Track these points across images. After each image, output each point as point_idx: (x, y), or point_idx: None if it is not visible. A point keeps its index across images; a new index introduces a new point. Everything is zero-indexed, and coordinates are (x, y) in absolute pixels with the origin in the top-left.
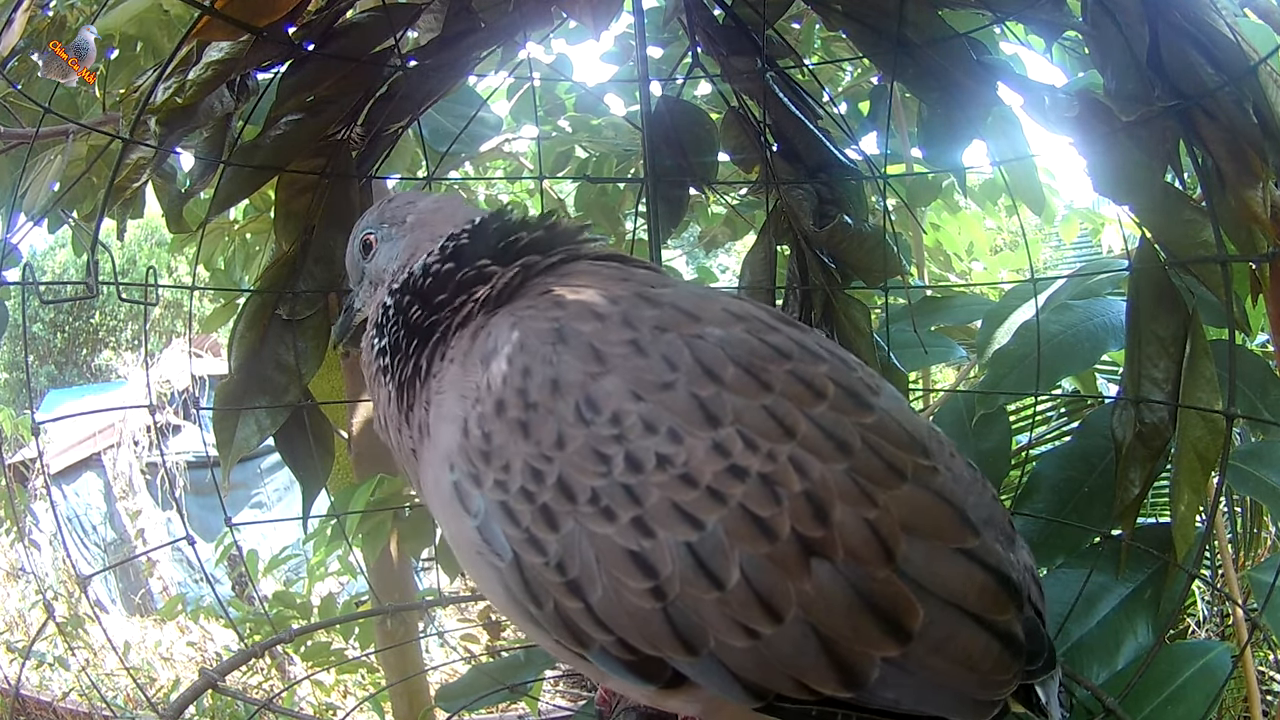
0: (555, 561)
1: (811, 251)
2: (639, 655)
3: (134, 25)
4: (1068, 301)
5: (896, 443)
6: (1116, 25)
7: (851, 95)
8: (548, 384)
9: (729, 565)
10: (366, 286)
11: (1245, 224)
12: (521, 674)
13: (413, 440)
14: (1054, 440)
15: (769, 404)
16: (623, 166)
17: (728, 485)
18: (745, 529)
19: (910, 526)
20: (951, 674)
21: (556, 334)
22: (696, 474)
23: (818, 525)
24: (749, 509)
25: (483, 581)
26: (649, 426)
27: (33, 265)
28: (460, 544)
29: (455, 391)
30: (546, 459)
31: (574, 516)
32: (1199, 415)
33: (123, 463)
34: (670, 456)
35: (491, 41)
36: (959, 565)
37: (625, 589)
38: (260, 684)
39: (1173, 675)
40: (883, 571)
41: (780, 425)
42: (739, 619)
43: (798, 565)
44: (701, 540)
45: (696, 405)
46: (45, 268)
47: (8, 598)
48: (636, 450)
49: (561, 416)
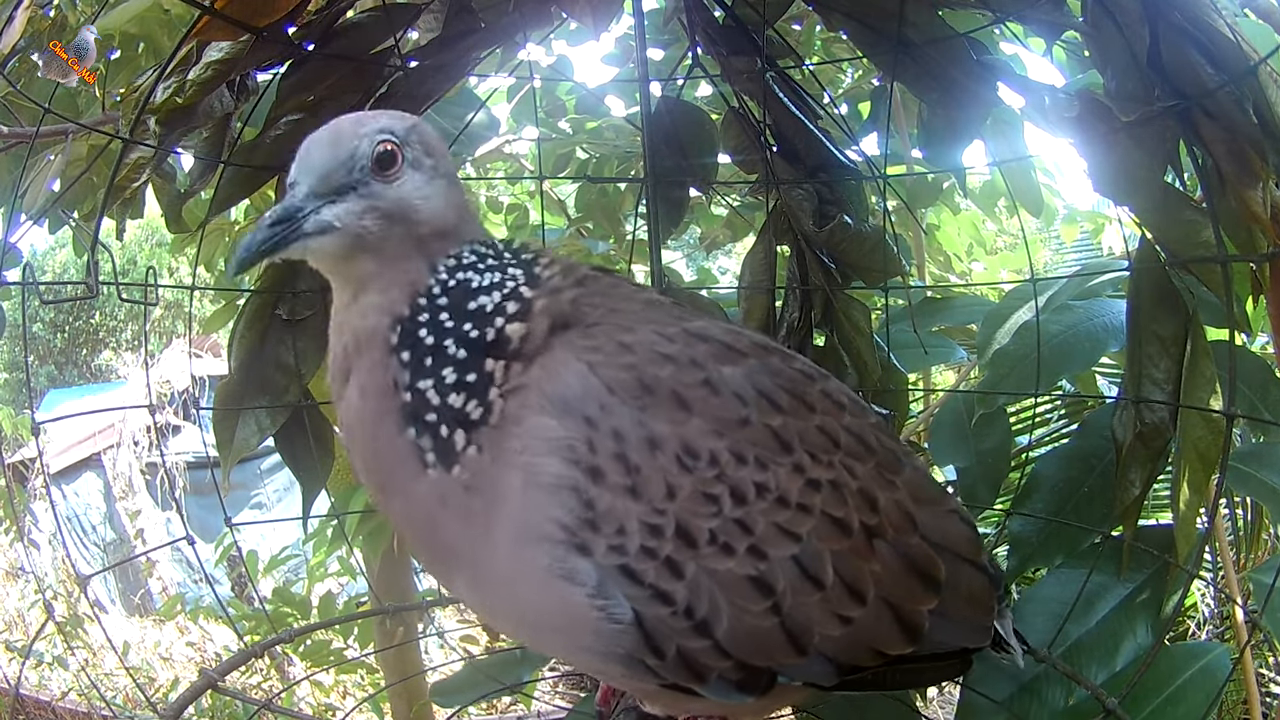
0: (683, 608)
1: (811, 251)
2: (748, 671)
3: (134, 25)
4: (1068, 302)
5: (890, 435)
6: (1116, 25)
7: (852, 96)
8: (644, 444)
9: (825, 566)
10: (371, 214)
11: (1245, 224)
12: (518, 671)
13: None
14: (1054, 441)
15: (819, 423)
16: (623, 168)
17: (810, 498)
18: (830, 531)
19: (918, 499)
20: (968, 610)
21: (640, 385)
22: (787, 494)
23: (873, 513)
24: (829, 513)
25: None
26: (740, 460)
27: (33, 265)
28: (559, 613)
29: (541, 451)
30: (660, 513)
31: (696, 560)
32: (1200, 415)
33: (122, 463)
34: (765, 484)
35: (491, 42)
36: (953, 522)
37: (747, 614)
38: (260, 684)
39: (1173, 676)
40: (914, 538)
41: (830, 439)
42: (836, 610)
43: (867, 550)
44: (803, 551)
45: (771, 435)
46: (45, 268)
47: (7, 597)
48: (738, 484)
49: (665, 470)
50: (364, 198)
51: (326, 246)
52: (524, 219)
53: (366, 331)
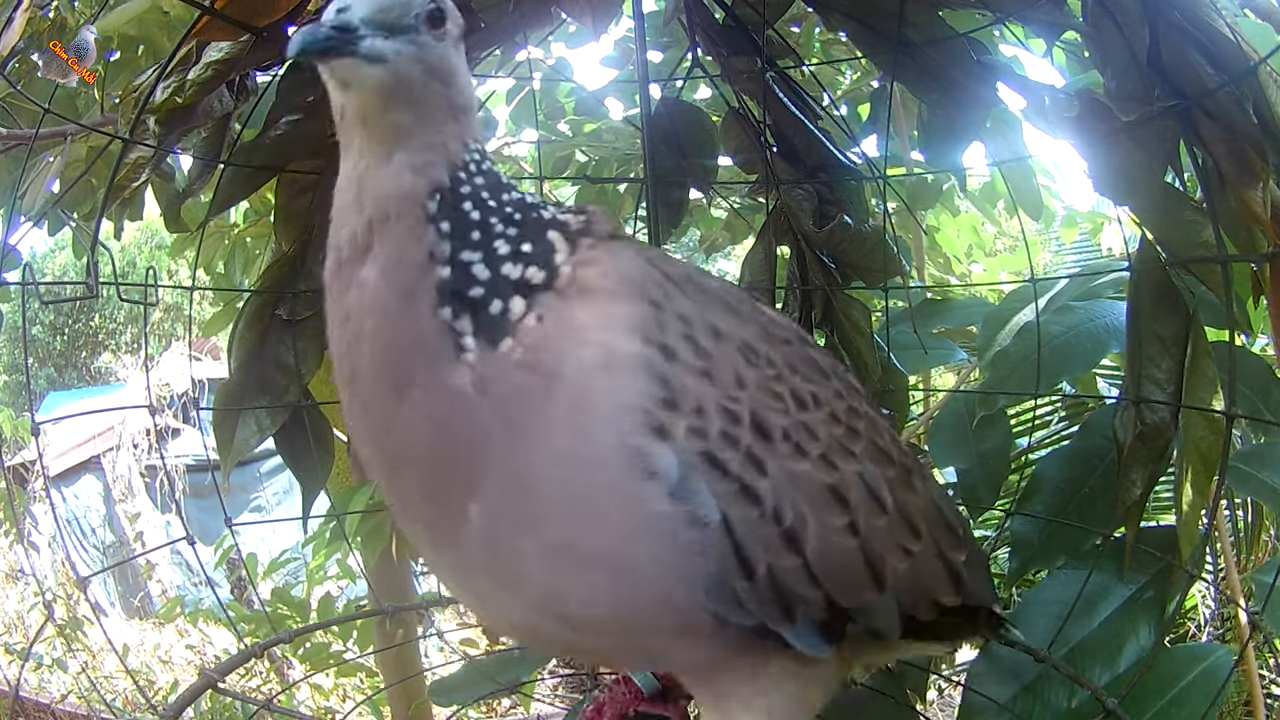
0: (771, 510)
1: (811, 252)
2: (832, 611)
3: (134, 27)
4: (1069, 303)
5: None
6: (1116, 25)
7: (852, 98)
8: (710, 331)
9: (883, 488)
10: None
11: (1245, 224)
12: (516, 671)
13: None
14: (1055, 443)
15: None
16: (623, 170)
17: (855, 421)
18: (878, 456)
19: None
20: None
21: (694, 285)
22: (837, 412)
23: (901, 452)
24: (873, 440)
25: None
26: (794, 370)
27: (33, 267)
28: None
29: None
30: (735, 400)
31: (775, 457)
32: (1202, 415)
33: (122, 465)
34: (819, 396)
35: (491, 42)
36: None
37: (830, 529)
38: (259, 687)
39: (1175, 678)
40: (939, 491)
41: (852, 387)
42: (899, 540)
43: (909, 484)
44: (863, 469)
45: (812, 360)
46: (45, 270)
47: (7, 599)
48: (797, 389)
49: (733, 360)
50: (414, 45)
51: (376, 77)
52: None
53: (399, 195)
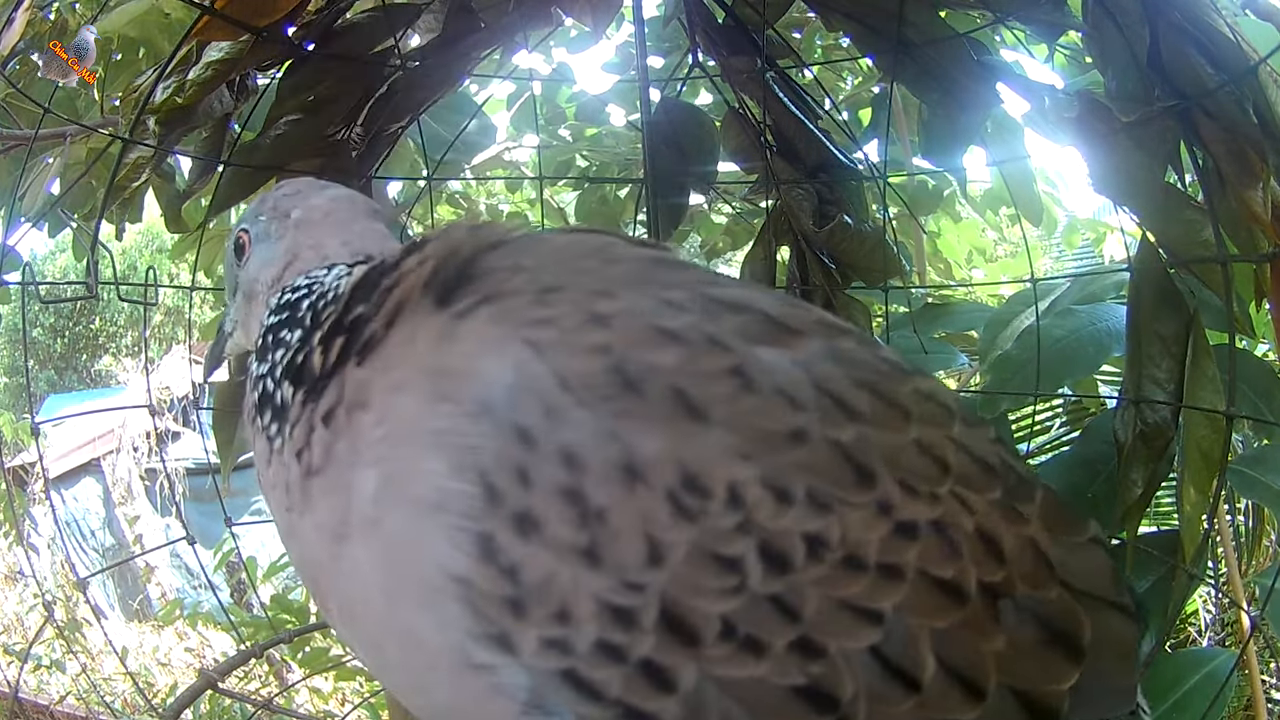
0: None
1: (811, 252)
2: None
3: (134, 28)
4: (1070, 306)
5: (1009, 449)
6: (1116, 25)
7: (852, 103)
8: (616, 470)
9: (922, 656)
10: (240, 301)
11: (1245, 224)
12: None
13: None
14: (1056, 448)
15: (917, 436)
16: (623, 174)
17: (903, 553)
18: (933, 600)
19: (1050, 527)
20: (1112, 671)
21: (618, 379)
22: (862, 550)
23: (998, 565)
24: (931, 574)
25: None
26: (783, 499)
27: (33, 268)
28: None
29: (411, 439)
30: (635, 589)
31: (698, 664)
32: (1203, 416)
33: (122, 468)
34: (823, 535)
35: (491, 42)
36: (1095, 556)
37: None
38: (258, 690)
39: (1178, 683)
40: (1053, 590)
41: (935, 461)
42: (937, 715)
43: (989, 620)
44: (887, 637)
45: (840, 456)
46: (45, 272)
47: (6, 601)
48: (776, 538)
49: (650, 517)
50: (237, 290)
51: (233, 347)
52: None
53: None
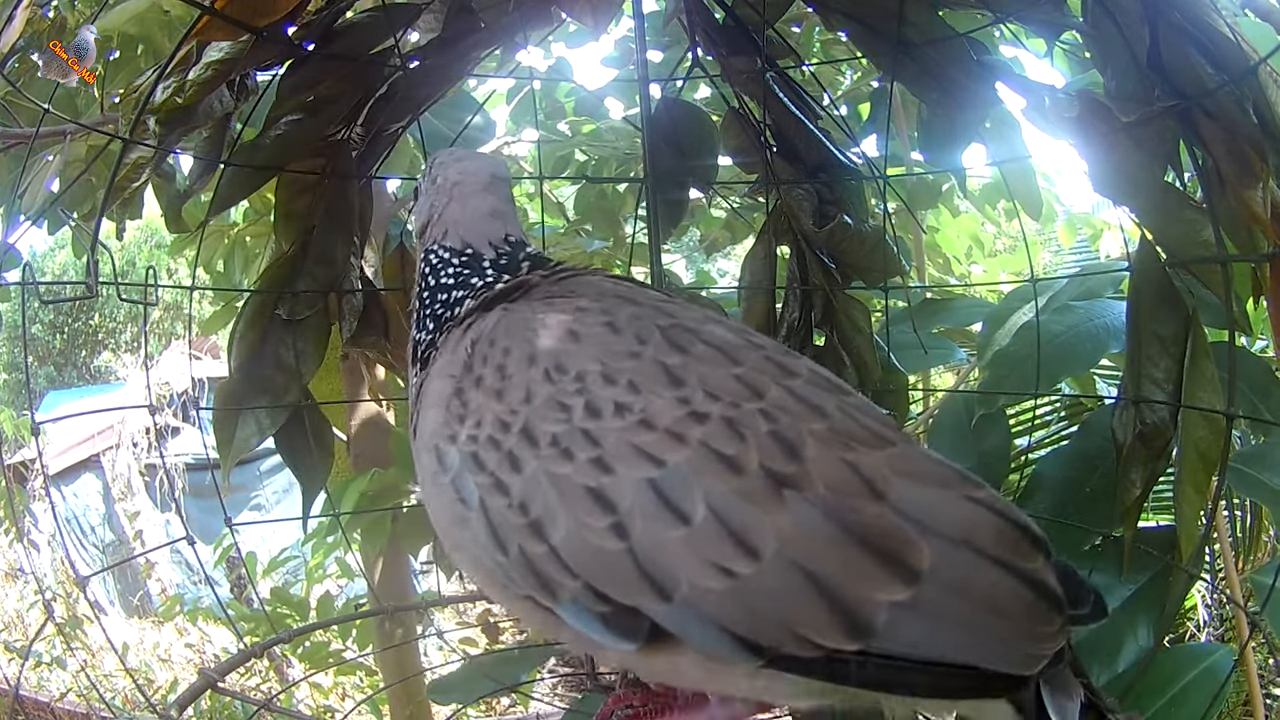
0: (518, 502)
1: (811, 251)
2: (612, 605)
3: (134, 25)
4: (1069, 303)
5: (880, 420)
6: (1116, 25)
7: (851, 99)
8: (524, 358)
9: (693, 499)
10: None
11: (1245, 224)
12: (516, 670)
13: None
14: (1054, 442)
15: (738, 373)
16: (622, 170)
17: (687, 427)
18: (708, 465)
19: (902, 471)
20: (978, 620)
21: (540, 321)
22: (654, 419)
23: (788, 461)
24: (711, 446)
25: (455, 545)
26: (609, 380)
27: (32, 266)
28: (438, 509)
29: (440, 375)
30: (514, 412)
31: (536, 459)
32: (1201, 415)
33: (121, 464)
34: (628, 404)
35: (491, 42)
36: (965, 508)
37: (587, 528)
38: (259, 686)
39: (1175, 678)
40: (873, 507)
41: (747, 387)
42: (712, 558)
43: (770, 498)
44: (663, 476)
45: (661, 369)
46: (45, 269)
47: (6, 598)
48: (595, 399)
49: (531, 378)
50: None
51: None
52: (523, 221)
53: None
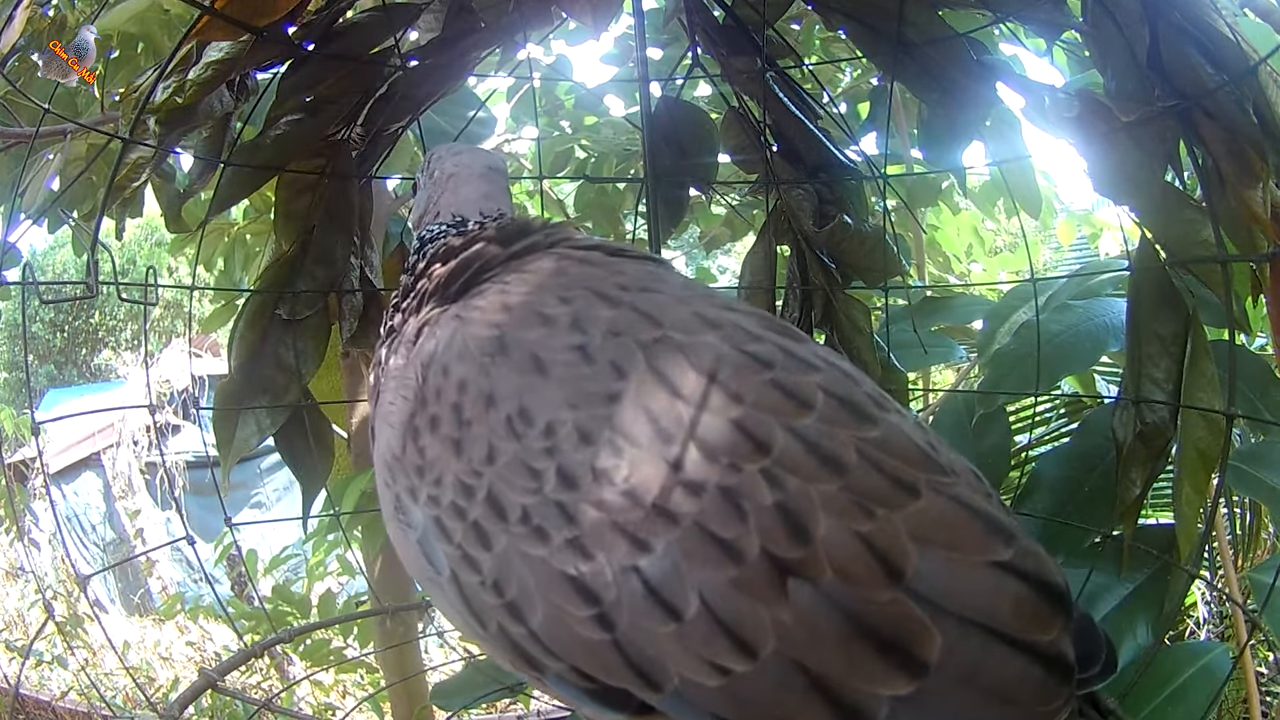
0: (491, 581)
1: (811, 251)
2: (598, 684)
3: (134, 25)
4: (1068, 301)
5: (906, 458)
6: (1116, 25)
7: (851, 96)
8: (482, 398)
9: (685, 593)
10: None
11: (1245, 224)
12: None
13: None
14: (1054, 441)
15: (736, 417)
16: (623, 166)
17: (679, 503)
18: (703, 551)
19: (923, 538)
20: (982, 711)
21: (498, 343)
22: (639, 491)
23: (796, 545)
24: (706, 528)
25: (432, 597)
26: (585, 438)
27: (32, 265)
28: (408, 559)
29: (394, 392)
30: (476, 474)
31: (506, 535)
32: (1200, 415)
33: (122, 462)
34: (608, 471)
35: (491, 41)
36: (986, 579)
37: (568, 616)
38: (259, 684)
39: (1173, 675)
40: (886, 593)
41: (750, 439)
42: (704, 655)
43: (771, 590)
44: (651, 565)
45: (645, 417)
46: (45, 267)
47: (7, 597)
48: (569, 465)
49: (493, 429)
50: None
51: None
52: None
53: None
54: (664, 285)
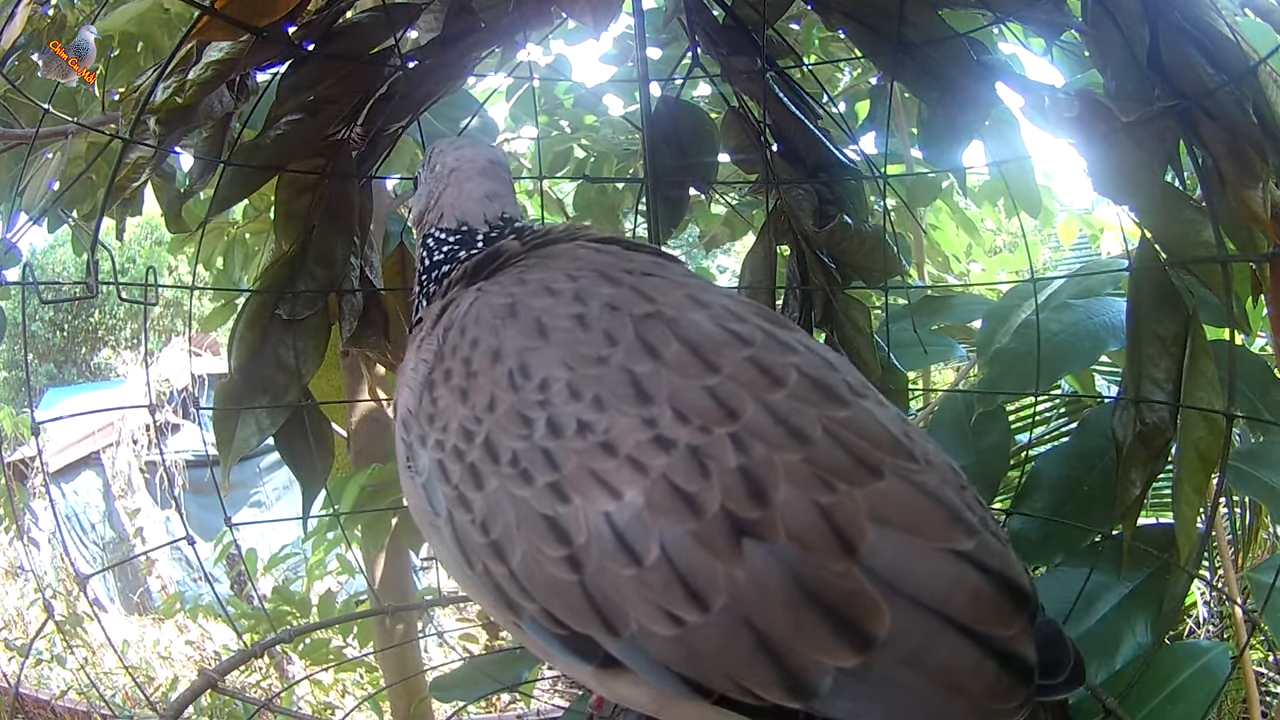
0: (480, 520)
1: (811, 251)
2: (569, 630)
3: (134, 25)
4: (1068, 300)
5: (873, 440)
6: (1116, 25)
7: (851, 96)
8: (490, 354)
9: (648, 540)
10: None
11: (1245, 224)
12: (516, 669)
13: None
14: (1053, 440)
15: (711, 384)
16: (622, 166)
17: (650, 456)
18: (667, 502)
19: (881, 518)
20: (928, 695)
21: (508, 309)
22: (617, 442)
23: (753, 505)
24: (672, 481)
25: (432, 543)
26: (574, 394)
27: (32, 264)
28: (414, 506)
29: (415, 357)
30: (478, 420)
31: (497, 477)
32: (1200, 415)
33: (121, 461)
34: (591, 423)
35: (491, 41)
36: (945, 565)
37: (543, 556)
38: (259, 683)
39: (1173, 675)
40: (839, 564)
41: (721, 406)
42: (660, 602)
43: (727, 547)
44: (619, 510)
45: (628, 379)
46: (45, 267)
47: (6, 596)
48: (558, 416)
49: (495, 381)
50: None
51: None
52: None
53: None
54: (666, 272)
